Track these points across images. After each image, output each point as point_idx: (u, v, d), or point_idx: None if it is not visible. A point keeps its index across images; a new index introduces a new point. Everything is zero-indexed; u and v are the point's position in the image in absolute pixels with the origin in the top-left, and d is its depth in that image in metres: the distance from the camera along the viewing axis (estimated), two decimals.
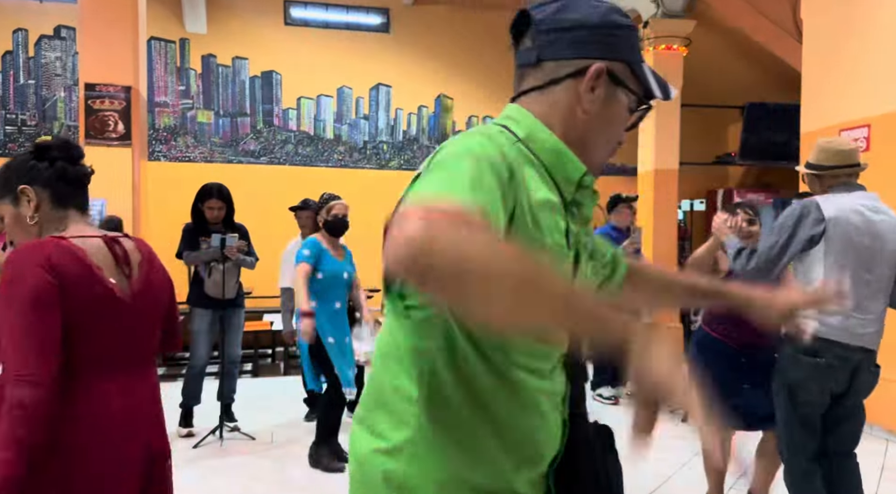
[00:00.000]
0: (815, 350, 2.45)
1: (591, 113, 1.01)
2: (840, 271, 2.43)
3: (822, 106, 5.06)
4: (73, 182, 1.57)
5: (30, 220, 1.54)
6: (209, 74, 7.91)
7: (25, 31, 7.38)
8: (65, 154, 1.57)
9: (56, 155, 1.56)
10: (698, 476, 3.80)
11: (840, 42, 4.93)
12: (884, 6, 4.58)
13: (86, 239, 1.52)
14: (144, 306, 1.59)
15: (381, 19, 8.39)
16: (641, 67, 1.04)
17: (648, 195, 7.40)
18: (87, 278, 1.46)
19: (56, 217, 1.55)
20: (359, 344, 4.77)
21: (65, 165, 1.56)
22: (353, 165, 8.37)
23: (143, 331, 1.60)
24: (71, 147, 1.61)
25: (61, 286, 1.40)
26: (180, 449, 4.09)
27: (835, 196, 2.54)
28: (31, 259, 1.40)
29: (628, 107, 1.05)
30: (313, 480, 3.73)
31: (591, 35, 1.00)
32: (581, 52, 1.00)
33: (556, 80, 1.01)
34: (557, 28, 1.01)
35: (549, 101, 1.02)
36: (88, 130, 5.18)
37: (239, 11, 7.97)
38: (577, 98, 1.00)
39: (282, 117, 8.15)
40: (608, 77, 1.00)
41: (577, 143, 1.01)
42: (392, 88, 8.46)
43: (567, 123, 1.01)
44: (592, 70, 0.99)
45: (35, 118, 7.42)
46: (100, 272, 1.49)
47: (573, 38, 1.01)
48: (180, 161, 7.76)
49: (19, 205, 1.55)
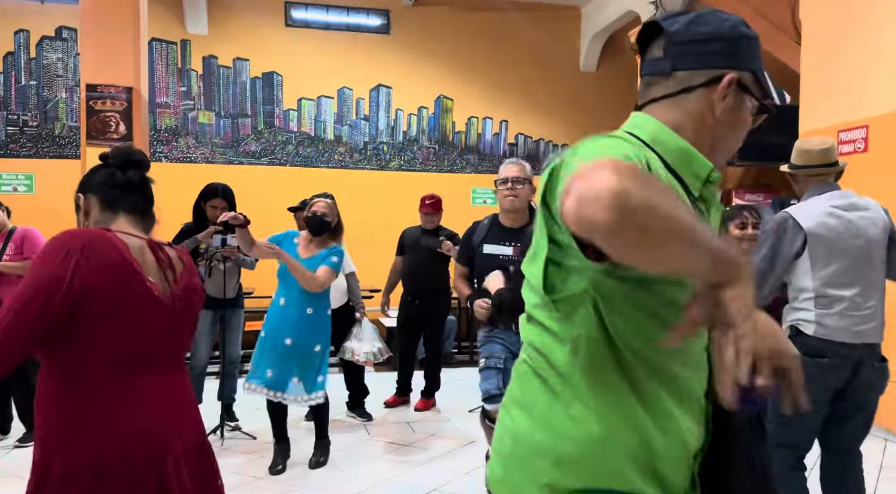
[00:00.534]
0: (818, 351, 2.46)
1: (721, 119, 1.08)
2: (830, 276, 2.45)
3: (821, 107, 5.08)
4: (122, 187, 1.65)
5: (82, 225, 1.65)
6: (210, 75, 7.93)
7: (27, 31, 7.41)
8: (117, 161, 1.67)
9: (110, 162, 1.67)
10: None
11: (838, 43, 4.95)
12: (883, 8, 4.60)
13: (131, 236, 1.59)
14: (183, 311, 1.65)
15: (382, 21, 8.42)
16: (764, 76, 1.13)
17: None
18: (126, 271, 1.50)
19: (104, 220, 1.63)
20: (359, 344, 4.80)
21: (114, 171, 1.65)
22: (354, 166, 8.39)
23: (179, 334, 1.66)
24: (123, 154, 1.70)
25: (91, 274, 1.43)
26: None
27: (807, 203, 2.57)
28: (67, 243, 1.44)
29: (751, 112, 1.13)
30: (314, 479, 3.75)
31: (723, 46, 1.08)
32: (713, 63, 1.07)
33: (688, 89, 1.08)
34: (691, 40, 1.08)
35: (682, 109, 1.09)
36: (90, 130, 5.20)
37: (240, 13, 7.99)
38: (709, 106, 1.07)
39: (282, 118, 8.17)
40: (737, 86, 1.07)
41: (706, 147, 1.09)
42: (392, 89, 8.48)
43: (698, 130, 1.08)
44: (726, 80, 1.06)
45: (37, 119, 7.44)
46: (140, 268, 1.54)
47: (706, 50, 1.07)
48: (181, 162, 7.78)
49: (79, 213, 1.67)
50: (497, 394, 3.10)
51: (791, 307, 2.65)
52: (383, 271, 5.63)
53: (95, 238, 1.48)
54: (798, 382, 0.88)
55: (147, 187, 1.72)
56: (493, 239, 3.07)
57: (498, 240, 3.05)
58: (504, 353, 3.06)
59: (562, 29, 8.90)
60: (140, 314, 1.53)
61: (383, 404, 5.37)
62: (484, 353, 3.13)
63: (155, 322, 1.57)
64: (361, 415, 5.00)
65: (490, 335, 3.15)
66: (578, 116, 8.97)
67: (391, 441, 4.48)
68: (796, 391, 0.88)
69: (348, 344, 4.76)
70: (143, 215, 1.70)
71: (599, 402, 1.02)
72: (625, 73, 8.38)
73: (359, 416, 5.00)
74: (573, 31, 8.97)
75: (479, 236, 3.12)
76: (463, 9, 8.59)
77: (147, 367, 1.57)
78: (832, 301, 2.45)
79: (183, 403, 1.67)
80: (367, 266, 5.74)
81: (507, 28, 8.71)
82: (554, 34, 8.86)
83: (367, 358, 4.76)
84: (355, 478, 3.75)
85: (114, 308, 1.48)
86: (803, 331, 2.51)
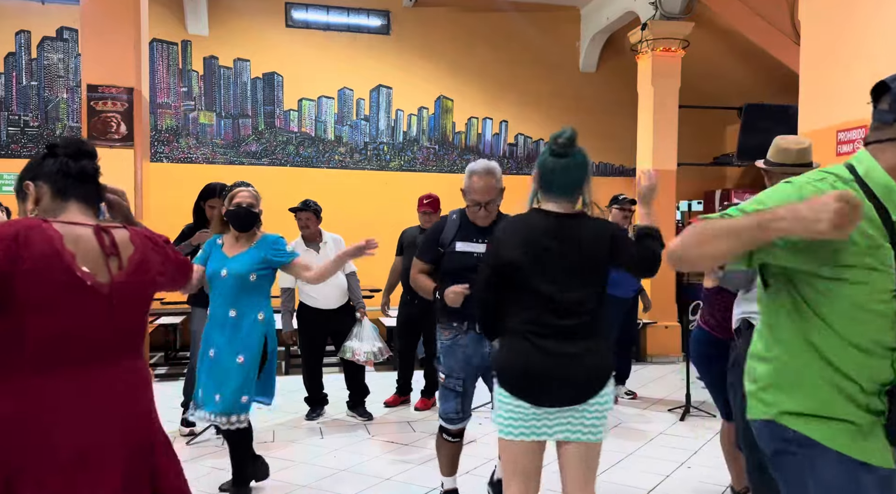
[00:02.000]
0: None
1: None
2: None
3: (820, 107, 5.09)
4: (74, 176, 1.64)
5: (29, 213, 1.62)
6: (211, 76, 7.95)
7: (28, 32, 7.43)
8: (69, 151, 1.66)
9: (61, 152, 1.65)
10: (697, 475, 3.84)
11: (838, 44, 4.96)
12: (882, 8, 4.62)
13: (72, 226, 1.56)
14: (127, 299, 1.60)
15: (382, 21, 8.43)
16: None
17: None
18: (52, 262, 1.49)
19: (54, 208, 1.62)
20: (359, 344, 4.81)
21: (67, 160, 1.64)
22: (354, 167, 8.40)
23: (122, 325, 1.60)
24: (75, 144, 1.69)
25: (21, 264, 1.44)
26: (181, 448, 4.13)
27: None
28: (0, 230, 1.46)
29: None
30: (314, 479, 3.76)
31: None
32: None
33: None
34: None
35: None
36: (91, 131, 5.21)
37: (240, 13, 8.01)
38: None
39: (283, 119, 8.19)
40: None
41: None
42: (392, 89, 8.50)
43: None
44: None
45: (38, 120, 7.46)
46: (69, 259, 1.51)
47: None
48: (182, 162, 7.79)
49: (24, 200, 1.64)
50: (455, 418, 3.03)
51: (742, 298, 2.66)
52: (383, 271, 5.64)
53: (28, 228, 1.49)
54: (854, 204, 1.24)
55: (97, 177, 1.71)
56: (465, 236, 2.99)
57: (471, 238, 2.97)
58: (464, 373, 2.96)
59: (561, 29, 8.91)
60: (69, 305, 1.50)
61: (383, 403, 5.38)
62: (444, 368, 3.01)
63: (88, 314, 1.53)
64: (361, 415, 5.01)
65: (453, 342, 2.99)
66: (578, 117, 8.97)
67: (391, 441, 4.49)
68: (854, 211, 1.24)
69: (349, 344, 4.78)
70: (95, 204, 1.69)
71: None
72: (624, 73, 8.39)
73: (359, 415, 5.02)
74: (573, 32, 8.98)
75: (450, 233, 3.03)
76: (463, 9, 8.61)
77: (81, 361, 1.53)
78: None
79: (125, 399, 1.60)
80: (368, 266, 5.74)
81: (507, 28, 8.72)
82: (554, 34, 8.88)
83: (367, 358, 4.77)
84: (355, 478, 3.77)
85: (40, 299, 1.47)
86: (754, 324, 2.52)
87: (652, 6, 7.29)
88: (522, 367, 2.18)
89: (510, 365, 2.21)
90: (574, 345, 2.16)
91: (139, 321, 1.67)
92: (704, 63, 8.49)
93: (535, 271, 2.18)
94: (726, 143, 9.38)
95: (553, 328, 2.16)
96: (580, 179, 2.22)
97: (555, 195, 2.22)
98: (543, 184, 2.23)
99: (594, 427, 2.20)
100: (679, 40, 7.33)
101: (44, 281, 1.47)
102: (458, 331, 2.97)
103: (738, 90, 8.82)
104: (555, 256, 2.17)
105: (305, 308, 4.97)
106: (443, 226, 3.09)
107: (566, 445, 2.23)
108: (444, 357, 3.03)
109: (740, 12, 7.40)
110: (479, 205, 2.93)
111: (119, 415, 1.58)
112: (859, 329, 1.45)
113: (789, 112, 5.57)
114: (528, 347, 2.18)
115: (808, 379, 1.50)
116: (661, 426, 4.88)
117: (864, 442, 1.47)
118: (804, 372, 1.51)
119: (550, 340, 2.16)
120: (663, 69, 7.36)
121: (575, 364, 2.15)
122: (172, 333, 7.31)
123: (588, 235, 2.22)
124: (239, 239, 3.26)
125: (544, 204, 2.25)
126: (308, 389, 5.05)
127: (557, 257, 2.17)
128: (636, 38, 7.53)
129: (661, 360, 7.43)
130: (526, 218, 2.26)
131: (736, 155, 8.34)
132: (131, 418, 1.62)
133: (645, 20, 7.39)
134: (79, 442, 1.51)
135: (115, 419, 1.57)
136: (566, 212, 2.23)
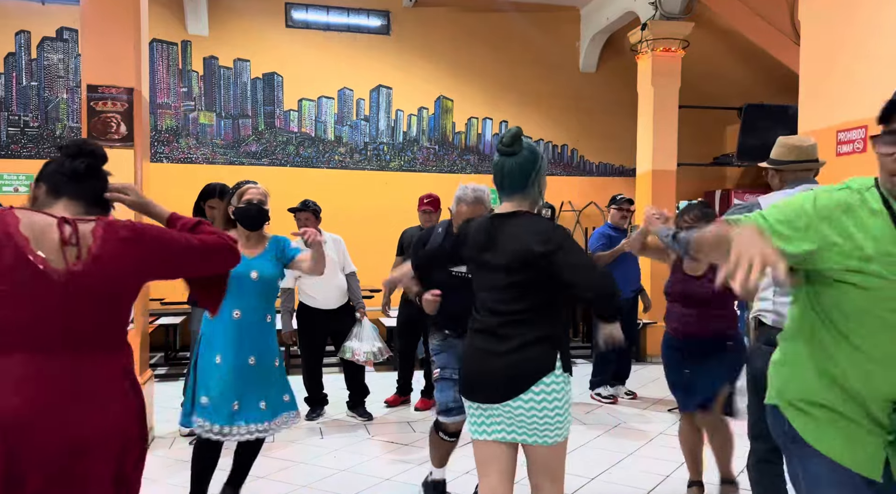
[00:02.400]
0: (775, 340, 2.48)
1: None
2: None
3: (820, 107, 5.08)
4: (67, 175, 1.70)
5: None
6: (211, 76, 7.95)
7: (28, 33, 7.42)
8: (68, 151, 1.73)
9: (62, 153, 1.74)
10: None
11: (837, 44, 4.96)
12: (882, 9, 4.62)
13: (34, 213, 1.61)
14: (89, 289, 1.58)
15: (382, 21, 8.43)
16: None
17: (646, 196, 7.43)
18: (2, 243, 1.52)
19: (43, 204, 1.68)
20: (359, 344, 4.81)
21: (64, 160, 1.71)
22: (354, 167, 8.40)
23: (80, 313, 1.57)
24: (76, 145, 1.75)
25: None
26: (181, 448, 4.13)
27: (778, 193, 2.61)
28: None
29: None
30: (313, 479, 3.76)
31: None
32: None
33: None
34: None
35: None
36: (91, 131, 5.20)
37: (240, 14, 8.01)
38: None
39: (283, 119, 8.19)
40: None
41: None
42: (392, 89, 8.50)
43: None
44: None
45: (38, 120, 7.46)
46: (22, 242, 1.53)
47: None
48: (182, 163, 7.79)
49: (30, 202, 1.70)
50: (454, 407, 3.02)
51: (757, 298, 2.68)
52: (383, 271, 5.62)
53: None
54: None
55: (96, 176, 1.75)
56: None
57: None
58: (458, 364, 2.86)
59: (561, 29, 8.91)
60: (17, 287, 1.50)
61: (383, 403, 5.38)
62: (439, 363, 3.11)
63: (40, 299, 1.52)
64: (362, 415, 5.01)
65: (445, 343, 3.09)
66: (578, 117, 8.99)
67: (391, 441, 4.49)
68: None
69: (349, 344, 4.78)
70: (92, 202, 1.72)
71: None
72: (624, 73, 8.39)
73: (359, 416, 5.02)
74: (573, 32, 8.98)
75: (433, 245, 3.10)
76: (463, 9, 8.60)
77: (31, 347, 1.51)
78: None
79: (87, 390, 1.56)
80: (368, 266, 5.75)
81: (507, 28, 8.72)
82: (554, 34, 8.88)
83: (367, 358, 4.77)
84: (355, 478, 3.77)
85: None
86: (764, 322, 2.54)
87: (652, 6, 7.29)
88: (462, 361, 2.31)
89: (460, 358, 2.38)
90: (499, 343, 2.15)
91: (111, 313, 1.64)
92: (704, 63, 8.49)
93: (474, 270, 2.28)
94: (726, 143, 9.38)
95: (484, 325, 2.21)
96: (526, 174, 2.19)
97: (506, 193, 2.24)
98: (495, 183, 2.27)
99: (538, 430, 2.13)
100: (679, 40, 7.33)
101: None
102: (450, 336, 3.07)
103: (738, 90, 8.82)
104: (485, 254, 2.21)
105: (305, 308, 4.97)
106: (426, 239, 3.19)
107: (524, 447, 2.22)
108: (437, 356, 3.10)
109: (740, 12, 7.40)
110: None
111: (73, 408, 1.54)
112: (868, 336, 1.49)
113: (789, 112, 5.57)
114: (468, 342, 2.27)
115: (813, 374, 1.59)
116: (660, 426, 4.88)
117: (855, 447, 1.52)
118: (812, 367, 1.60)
119: (480, 336, 2.22)
120: (663, 69, 7.36)
121: (495, 362, 2.15)
122: (172, 333, 7.31)
123: (516, 232, 2.15)
124: (250, 239, 3.09)
125: (501, 205, 2.27)
126: (308, 389, 5.05)
127: (489, 256, 2.20)
128: (636, 39, 7.53)
129: (661, 360, 7.41)
130: (481, 219, 2.34)
131: (736, 155, 8.35)
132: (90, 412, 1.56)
133: (645, 20, 7.39)
134: (16, 429, 1.48)
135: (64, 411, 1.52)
136: (507, 211, 2.23)
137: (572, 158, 9.08)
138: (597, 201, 8.61)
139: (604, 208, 7.65)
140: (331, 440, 4.49)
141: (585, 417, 5.14)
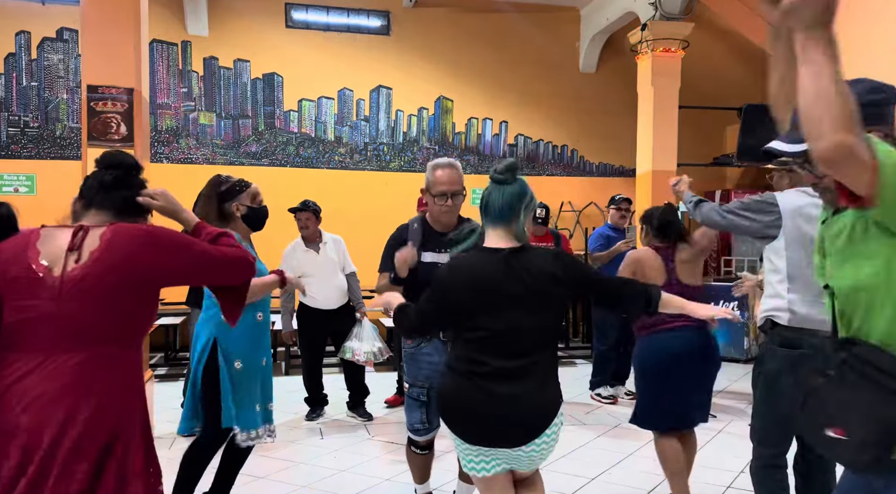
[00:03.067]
0: (790, 342, 2.46)
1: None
2: (801, 262, 2.45)
3: None
4: (95, 187, 1.80)
5: None
6: (211, 77, 7.95)
7: (28, 33, 7.43)
8: (101, 163, 1.85)
9: (96, 165, 1.85)
10: (697, 476, 3.83)
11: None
12: (883, 9, 4.62)
13: (55, 228, 1.72)
14: (84, 288, 1.62)
15: (382, 22, 8.44)
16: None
17: (646, 196, 7.43)
18: (15, 256, 1.64)
19: (81, 217, 1.78)
20: (359, 344, 4.81)
21: (97, 172, 1.82)
22: (354, 167, 8.41)
23: (82, 313, 1.62)
24: (107, 158, 1.86)
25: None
26: (181, 448, 4.12)
27: (793, 191, 2.59)
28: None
29: None
30: (313, 479, 3.76)
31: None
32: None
33: None
34: None
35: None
36: (91, 131, 5.20)
37: (240, 14, 8.01)
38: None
39: (283, 119, 8.19)
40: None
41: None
42: (392, 90, 8.50)
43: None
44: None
45: (38, 120, 7.46)
46: (32, 254, 1.64)
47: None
48: (182, 163, 7.80)
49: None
50: (421, 428, 2.95)
51: (766, 296, 2.67)
52: None
53: (22, 234, 1.72)
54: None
55: (126, 186, 1.83)
56: (430, 246, 2.91)
57: (435, 248, 2.89)
58: (428, 381, 2.85)
59: (561, 29, 8.92)
60: (18, 295, 1.61)
61: (383, 404, 5.38)
62: (408, 377, 2.96)
63: (36, 304, 1.61)
64: (362, 415, 5.02)
65: (417, 350, 2.92)
66: (578, 117, 8.99)
67: (391, 441, 4.49)
68: None
69: (349, 344, 4.77)
70: (122, 211, 1.79)
71: None
72: (624, 73, 8.39)
73: (359, 416, 5.02)
74: (573, 32, 8.99)
75: (415, 241, 2.93)
76: (463, 10, 8.61)
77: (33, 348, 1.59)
78: (804, 285, 2.44)
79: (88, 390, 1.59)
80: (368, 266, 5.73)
81: (507, 29, 8.72)
82: (554, 35, 8.88)
83: (367, 358, 4.77)
84: (355, 478, 3.77)
85: (4, 290, 1.62)
86: (777, 322, 2.51)
87: (652, 6, 7.29)
88: (468, 410, 2.10)
89: (456, 407, 2.14)
90: (519, 385, 2.08)
91: (114, 312, 1.66)
92: (704, 63, 8.50)
93: (485, 312, 2.09)
94: (726, 143, 9.38)
95: (498, 368, 2.07)
96: (511, 205, 2.13)
97: (490, 221, 2.16)
98: (482, 208, 2.19)
99: (543, 459, 2.21)
100: (679, 41, 7.33)
101: (6, 274, 1.63)
102: (420, 339, 2.89)
103: (738, 90, 8.80)
104: (504, 295, 2.09)
105: (305, 309, 4.97)
106: (404, 236, 2.98)
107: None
108: (408, 366, 2.95)
109: (740, 12, 7.41)
110: (445, 195, 2.86)
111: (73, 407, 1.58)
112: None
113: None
114: (477, 388, 2.09)
115: None
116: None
117: None
118: None
119: (495, 380, 2.07)
120: (663, 69, 7.36)
121: (525, 403, 2.08)
122: (172, 333, 7.31)
123: (533, 268, 2.11)
124: (244, 239, 3.06)
125: (487, 237, 2.19)
126: (308, 389, 5.05)
127: (506, 296, 2.08)
128: (636, 39, 7.53)
129: None
130: (472, 259, 2.18)
131: (736, 155, 8.34)
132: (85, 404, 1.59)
133: (645, 20, 7.39)
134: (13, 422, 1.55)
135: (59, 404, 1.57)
136: (510, 247, 2.14)
137: (572, 158, 9.09)
138: (597, 202, 8.61)
139: (604, 209, 7.66)
140: (331, 440, 4.49)
141: (585, 417, 5.13)
